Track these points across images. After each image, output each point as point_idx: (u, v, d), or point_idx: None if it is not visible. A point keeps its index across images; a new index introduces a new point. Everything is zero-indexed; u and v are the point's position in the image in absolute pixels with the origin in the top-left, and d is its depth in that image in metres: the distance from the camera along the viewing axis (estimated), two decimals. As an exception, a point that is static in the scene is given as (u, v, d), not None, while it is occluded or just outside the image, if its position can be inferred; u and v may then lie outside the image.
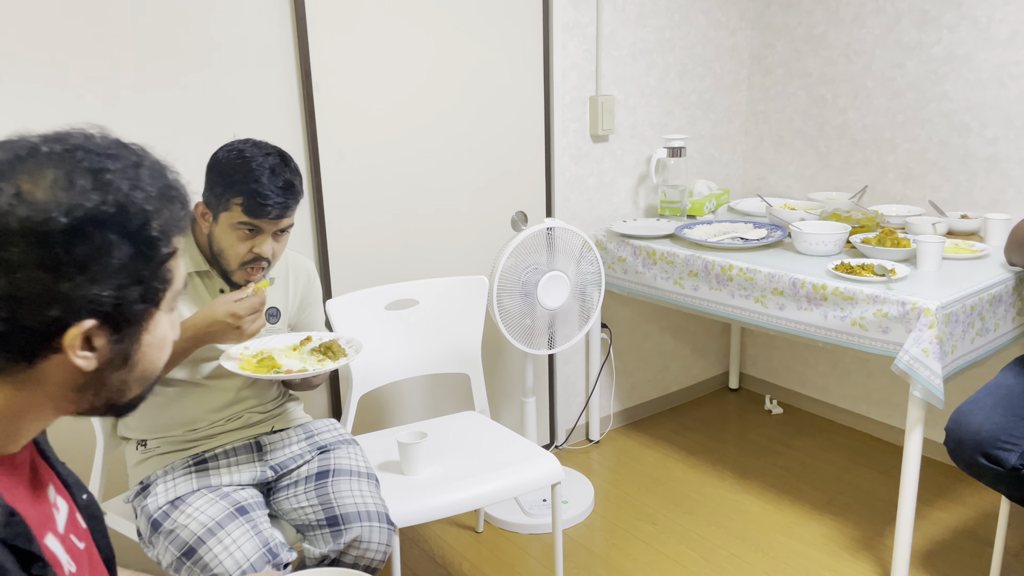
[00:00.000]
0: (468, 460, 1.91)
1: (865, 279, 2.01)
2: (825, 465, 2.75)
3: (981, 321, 1.98)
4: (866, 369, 2.93)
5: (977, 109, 2.46)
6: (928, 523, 2.39)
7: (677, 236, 2.53)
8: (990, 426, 1.80)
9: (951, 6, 2.47)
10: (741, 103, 3.13)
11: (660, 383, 3.18)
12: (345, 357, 1.59)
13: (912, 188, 2.67)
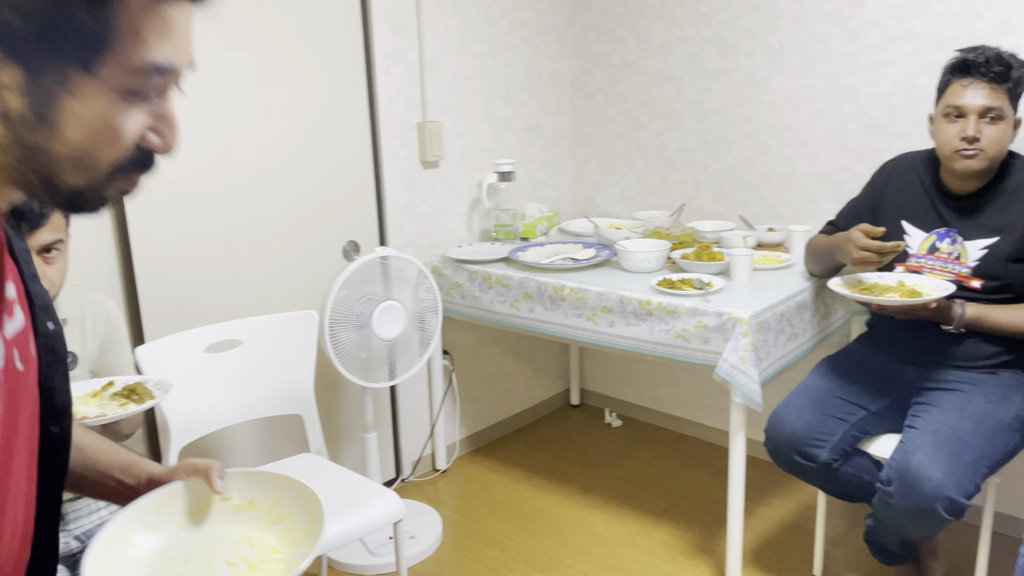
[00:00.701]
0: (304, 505, 1.82)
1: (685, 293, 2.11)
2: (663, 473, 2.85)
3: (790, 327, 2.13)
4: (695, 377, 3.08)
5: (776, 129, 2.66)
6: (757, 520, 2.53)
7: (511, 259, 2.55)
8: (802, 426, 1.92)
9: (747, 35, 2.66)
10: (566, 127, 3.22)
11: (504, 405, 3.20)
12: (152, 399, 1.46)
13: (724, 204, 2.85)
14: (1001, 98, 1.82)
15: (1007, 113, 1.84)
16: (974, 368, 1.91)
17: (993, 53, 1.82)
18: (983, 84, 1.82)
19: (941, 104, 1.90)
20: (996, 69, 1.81)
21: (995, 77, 1.81)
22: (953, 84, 1.86)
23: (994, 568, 2.17)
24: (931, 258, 1.97)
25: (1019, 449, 1.83)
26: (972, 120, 1.82)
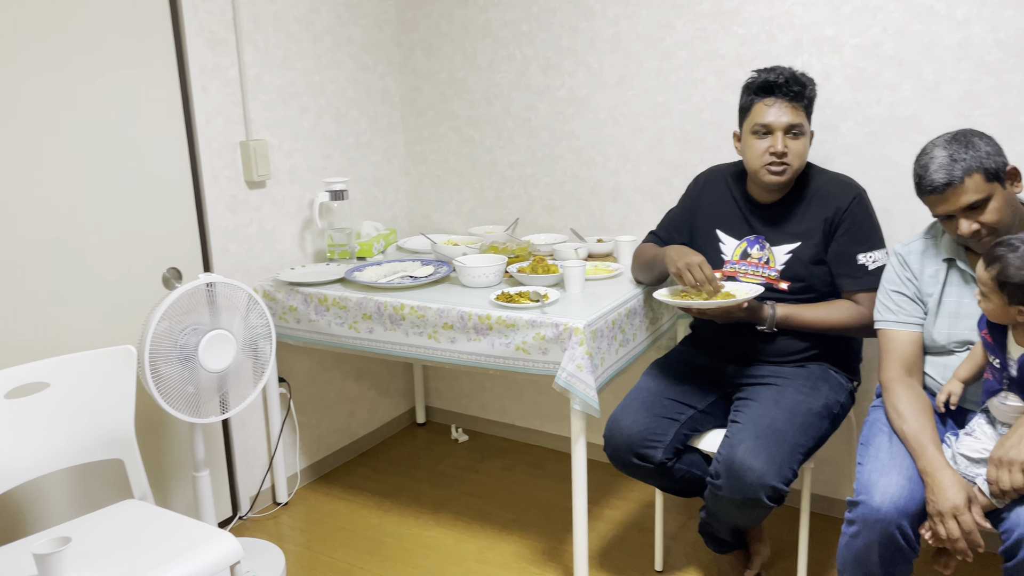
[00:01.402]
0: (127, 559, 1.68)
1: (523, 306, 2.14)
2: (511, 484, 2.88)
3: (622, 333, 2.21)
4: (538, 388, 3.14)
5: (600, 145, 2.77)
6: (601, 522, 2.61)
7: (348, 280, 2.49)
8: (638, 428, 2.00)
9: (569, 54, 2.76)
10: (398, 144, 3.20)
11: (348, 430, 3.12)
12: None
13: (556, 217, 2.93)
14: (801, 115, 2.00)
15: (806, 128, 2.02)
16: (786, 363, 2.07)
17: (789, 73, 1.99)
18: (785, 103, 1.99)
19: (748, 122, 2.05)
20: (795, 89, 1.98)
21: (794, 96, 1.99)
22: (758, 103, 2.02)
23: (814, 545, 2.35)
24: (744, 263, 2.11)
25: (828, 435, 1.99)
26: (779, 136, 1.98)
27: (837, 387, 2.03)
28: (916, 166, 1.72)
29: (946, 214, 1.69)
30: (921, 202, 1.75)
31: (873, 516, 1.61)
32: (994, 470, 1.56)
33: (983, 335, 1.65)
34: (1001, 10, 2.07)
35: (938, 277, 1.80)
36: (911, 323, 1.82)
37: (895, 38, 2.22)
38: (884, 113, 2.27)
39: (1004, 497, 1.56)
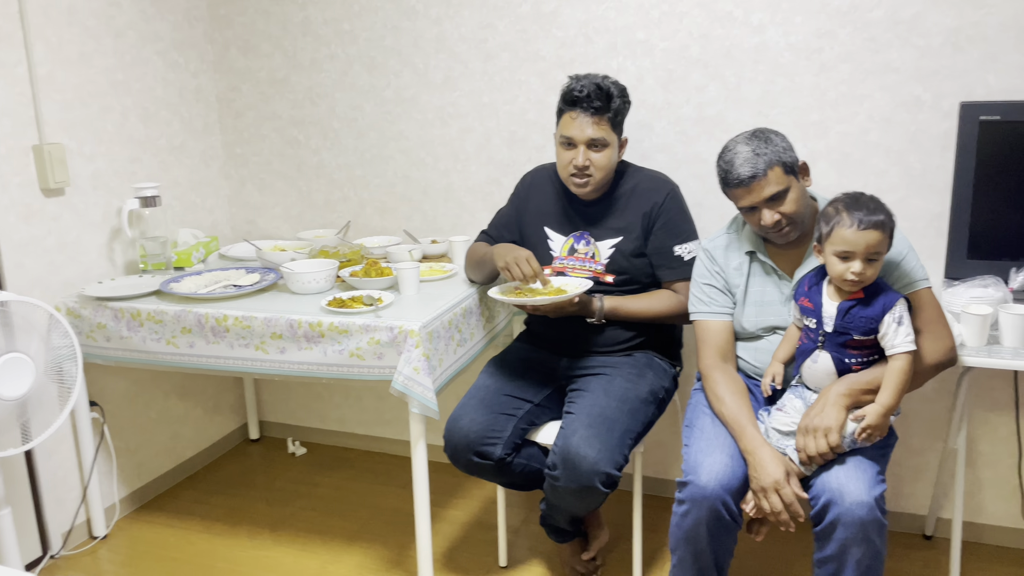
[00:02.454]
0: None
1: (356, 311, 2.09)
2: (353, 495, 2.81)
3: (459, 333, 2.21)
4: (376, 394, 3.08)
5: (429, 145, 2.76)
6: (444, 524, 2.60)
7: (164, 292, 2.33)
8: (477, 427, 2.01)
9: (393, 54, 2.73)
10: (216, 147, 3.04)
11: (173, 452, 2.92)
12: None
13: (388, 220, 2.89)
14: (604, 128, 2.06)
15: (611, 140, 2.08)
16: (614, 352, 2.15)
17: (593, 87, 2.03)
18: (588, 116, 2.04)
19: (558, 131, 2.11)
20: (596, 104, 2.04)
21: (596, 110, 2.04)
22: (565, 115, 2.08)
23: (648, 526, 2.46)
24: (571, 259, 2.17)
25: (656, 419, 2.09)
26: (581, 150, 2.05)
27: (661, 373, 2.14)
28: (721, 162, 1.83)
29: (750, 206, 1.81)
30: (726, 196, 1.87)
31: (700, 494, 1.70)
32: (802, 438, 1.69)
33: (801, 302, 1.78)
34: (791, 16, 2.26)
35: (742, 269, 1.93)
36: (722, 313, 1.94)
37: (700, 42, 2.36)
38: (693, 113, 2.41)
39: (811, 464, 1.70)
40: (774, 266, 1.89)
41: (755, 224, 1.85)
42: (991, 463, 2.35)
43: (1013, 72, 2.08)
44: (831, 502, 1.62)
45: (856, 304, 1.69)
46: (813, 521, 1.69)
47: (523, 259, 2.00)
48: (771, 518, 1.70)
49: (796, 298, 1.82)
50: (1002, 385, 2.28)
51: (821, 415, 1.67)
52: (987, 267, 2.02)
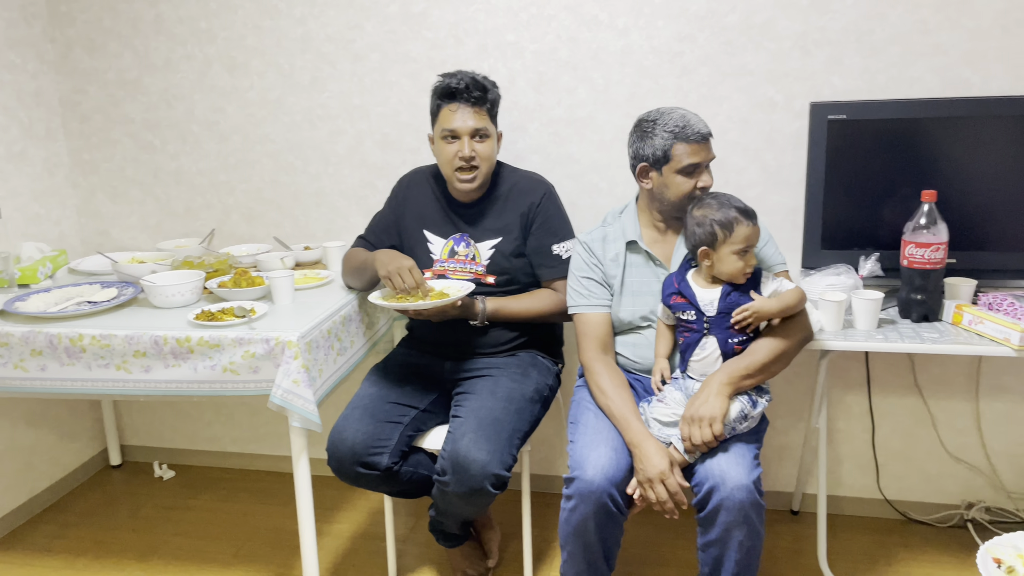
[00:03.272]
0: None
1: (227, 323, 1.99)
2: (228, 517, 2.68)
3: (339, 342, 2.15)
4: (250, 409, 2.95)
5: (298, 149, 2.67)
6: (330, 539, 2.52)
7: (8, 312, 2.13)
8: (362, 436, 1.96)
9: (256, 54, 2.62)
10: (61, 153, 2.81)
11: (24, 485, 2.68)
12: None
13: (256, 227, 2.77)
14: (485, 118, 2.08)
15: (492, 131, 2.10)
16: (498, 353, 2.16)
17: (469, 79, 2.06)
18: (468, 108, 2.05)
19: (437, 128, 2.10)
20: (476, 95, 2.05)
21: (476, 101, 2.06)
22: (444, 109, 2.07)
23: (535, 523, 2.48)
24: (452, 261, 2.16)
25: (541, 417, 2.10)
26: (466, 141, 2.05)
27: (545, 371, 2.16)
28: (667, 121, 1.85)
29: (697, 163, 1.86)
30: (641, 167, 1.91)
31: (587, 489, 1.73)
32: (687, 427, 1.75)
33: (674, 301, 1.85)
34: (653, 20, 2.34)
35: (619, 260, 1.98)
36: (600, 305, 1.98)
37: (568, 45, 2.40)
38: (564, 114, 2.46)
39: (695, 452, 1.76)
40: (652, 254, 1.96)
41: (687, 189, 1.87)
42: (848, 439, 2.53)
43: (855, 74, 2.24)
44: (714, 488, 1.69)
45: (736, 287, 1.80)
46: (697, 508, 1.75)
47: (405, 269, 1.97)
48: (656, 507, 1.75)
49: (666, 300, 1.88)
50: (856, 366, 2.45)
51: (706, 405, 1.74)
52: (840, 256, 2.16)
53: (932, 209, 1.97)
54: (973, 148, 2.07)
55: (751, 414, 1.79)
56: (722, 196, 1.82)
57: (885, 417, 2.48)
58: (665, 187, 1.90)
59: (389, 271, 1.98)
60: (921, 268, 2.00)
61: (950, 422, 2.45)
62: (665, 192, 1.91)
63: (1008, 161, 2.06)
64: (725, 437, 1.75)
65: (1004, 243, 2.10)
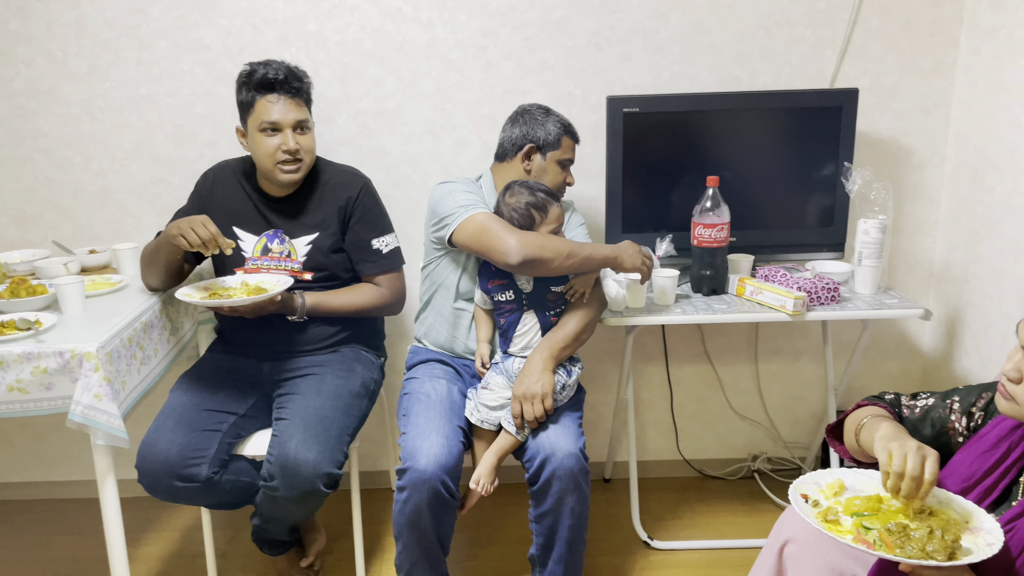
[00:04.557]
0: None
1: (10, 337, 1.78)
2: (13, 554, 2.40)
3: (141, 350, 2.00)
4: (32, 431, 2.66)
5: (77, 144, 2.43)
6: (144, 563, 2.35)
7: None
8: (176, 448, 1.84)
9: (22, 39, 2.35)
10: None
11: None
12: None
13: (31, 231, 2.50)
14: (305, 110, 2.02)
15: (311, 123, 2.05)
16: (320, 350, 2.11)
17: (287, 69, 1.98)
18: (288, 99, 1.98)
19: (253, 119, 1.99)
20: (295, 85, 1.99)
21: (296, 92, 1.99)
22: (260, 100, 1.97)
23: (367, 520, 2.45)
24: (266, 259, 2.08)
25: (368, 412, 2.09)
26: (289, 134, 1.97)
27: (369, 365, 2.14)
28: (559, 116, 2.06)
29: (570, 159, 2.06)
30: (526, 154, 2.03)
31: (420, 478, 1.75)
32: (518, 405, 1.82)
33: (492, 284, 1.91)
34: (456, 15, 2.38)
35: None
36: None
37: (373, 36, 2.39)
38: (373, 106, 2.44)
39: (526, 429, 1.84)
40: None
41: (559, 181, 2.05)
42: (650, 407, 2.74)
43: (644, 70, 2.42)
44: (547, 459, 1.77)
45: None
46: (529, 482, 1.83)
47: (198, 223, 1.85)
48: (531, 424, 1.83)
49: (484, 285, 1.95)
50: (654, 340, 2.66)
51: (536, 383, 1.82)
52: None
53: (716, 193, 2.18)
54: (746, 137, 2.31)
55: (568, 383, 1.90)
56: (528, 183, 1.94)
57: (681, 384, 2.72)
58: (544, 172, 2.03)
59: (180, 228, 1.85)
60: (708, 247, 2.21)
61: (735, 384, 2.73)
62: (542, 177, 2.04)
63: (775, 148, 2.32)
64: (553, 410, 1.84)
65: (775, 221, 2.37)
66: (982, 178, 2.32)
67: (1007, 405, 1.17)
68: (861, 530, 1.15)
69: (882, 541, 1.11)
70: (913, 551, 1.08)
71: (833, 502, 1.24)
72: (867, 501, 1.22)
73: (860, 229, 2.23)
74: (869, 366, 2.70)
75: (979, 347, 2.36)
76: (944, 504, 1.19)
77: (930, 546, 1.07)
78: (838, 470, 1.32)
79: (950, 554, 1.07)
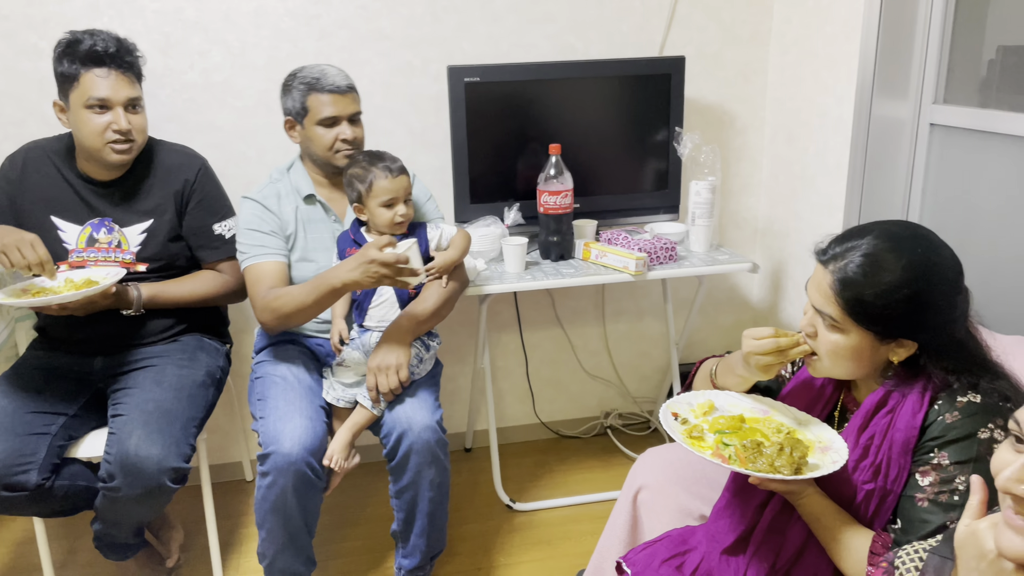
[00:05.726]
0: None
1: None
2: None
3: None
4: None
5: None
6: (-32, 585, 2.14)
7: None
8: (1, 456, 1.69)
9: None
10: None
11: None
12: None
13: None
14: (138, 87, 1.86)
15: (143, 101, 1.89)
16: (159, 341, 1.98)
17: (115, 40, 1.81)
18: (120, 74, 1.81)
19: (78, 95, 1.80)
20: (127, 60, 1.83)
21: (128, 67, 1.83)
22: (87, 74, 1.78)
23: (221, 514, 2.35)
24: (92, 250, 1.92)
25: (216, 401, 2.00)
26: (120, 112, 1.81)
27: (214, 353, 2.04)
28: (303, 75, 1.90)
29: (336, 115, 1.89)
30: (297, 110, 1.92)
31: (285, 461, 1.70)
32: (373, 378, 1.80)
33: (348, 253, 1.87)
34: (285, -17, 2.28)
35: (297, 217, 1.95)
36: (275, 254, 1.92)
37: (195, 4, 2.24)
38: (199, 79, 2.30)
39: (382, 402, 1.82)
40: (328, 206, 1.96)
41: (328, 142, 1.90)
42: (507, 375, 2.79)
43: (483, 40, 2.42)
44: (404, 433, 1.77)
45: (402, 238, 1.87)
46: (387, 458, 1.82)
47: (26, 243, 1.70)
48: (387, 397, 1.80)
49: (342, 255, 1.91)
50: (507, 307, 2.70)
51: (390, 354, 1.80)
52: (488, 209, 2.35)
53: (559, 161, 2.23)
54: (584, 105, 2.37)
55: (425, 356, 1.90)
56: (374, 153, 1.89)
57: (535, 350, 2.78)
58: (309, 140, 1.94)
59: (4, 245, 1.69)
60: (554, 213, 2.26)
61: (585, 346, 2.82)
62: (311, 146, 1.95)
63: (611, 116, 2.40)
64: (409, 382, 1.83)
65: (616, 187, 2.46)
66: (797, 139, 2.50)
67: (809, 363, 1.26)
68: (720, 446, 1.23)
69: (736, 456, 1.19)
70: (763, 466, 1.16)
71: (701, 421, 1.31)
72: (730, 421, 1.30)
73: (692, 191, 2.35)
74: (706, 320, 2.87)
75: (800, 296, 2.57)
76: (802, 424, 1.29)
77: (778, 461, 1.16)
78: (711, 391, 1.40)
79: (796, 469, 1.16)
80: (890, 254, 1.14)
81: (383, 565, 2.20)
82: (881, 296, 1.12)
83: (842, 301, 1.15)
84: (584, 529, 2.34)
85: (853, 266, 1.14)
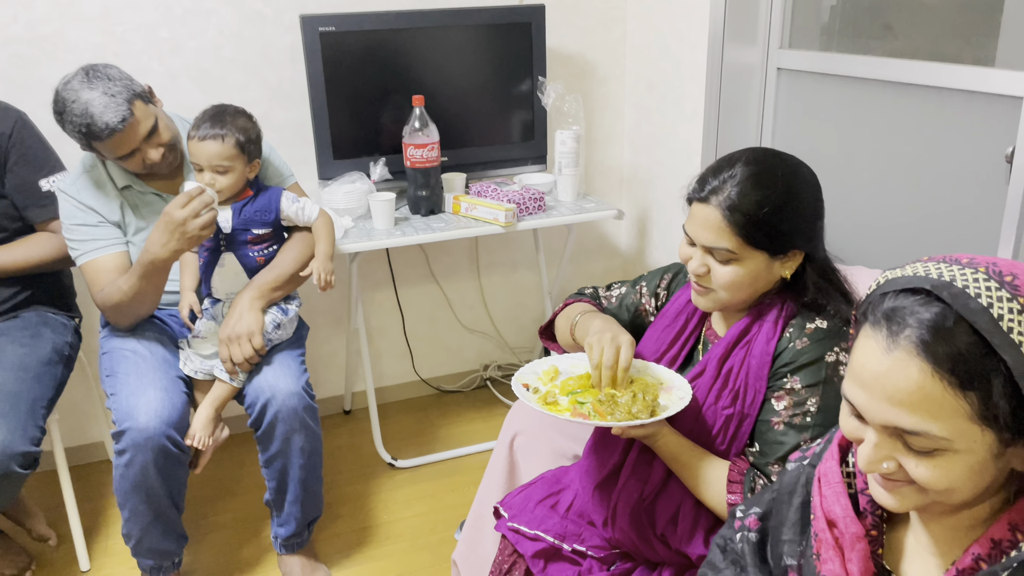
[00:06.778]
0: None
1: None
2: None
3: None
4: None
5: None
6: None
7: None
8: None
9: None
10: None
11: None
12: None
13: None
14: None
15: None
16: (-5, 318, 1.83)
17: None
18: None
19: None
20: None
21: None
22: None
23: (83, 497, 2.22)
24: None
25: (66, 379, 1.87)
26: None
27: (60, 328, 1.91)
28: (72, 117, 1.63)
29: (131, 151, 1.69)
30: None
31: (143, 437, 1.62)
32: (226, 348, 1.72)
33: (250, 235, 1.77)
34: (116, -75, 2.10)
35: (120, 206, 1.82)
36: (113, 245, 1.80)
37: (12, -52, 2.04)
38: (24, 32, 2.10)
39: (239, 372, 1.75)
40: (158, 193, 1.83)
41: (137, 166, 1.75)
42: (384, 334, 2.75)
43: (337, -12, 2.33)
44: (268, 401, 1.71)
45: (247, 203, 1.78)
46: (253, 427, 1.76)
47: None
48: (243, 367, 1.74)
49: None
50: (380, 266, 2.65)
51: (241, 322, 1.72)
52: (352, 165, 2.28)
53: (423, 113, 2.18)
54: (446, 55, 2.33)
55: (283, 321, 1.83)
56: (214, 108, 1.75)
57: (411, 307, 2.75)
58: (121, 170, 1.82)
59: None
60: (421, 167, 2.23)
61: (462, 300, 2.82)
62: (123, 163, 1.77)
63: (474, 66, 2.37)
64: (265, 350, 1.77)
65: (483, 139, 2.44)
66: (656, 87, 2.56)
67: (704, 300, 1.30)
68: (577, 406, 1.25)
69: (595, 411, 1.22)
70: (622, 415, 1.20)
71: (551, 387, 1.33)
72: (579, 380, 1.32)
73: (558, 140, 2.37)
74: (577, 268, 2.93)
75: (665, 240, 2.65)
76: (641, 371, 1.33)
77: (635, 408, 1.20)
78: (552, 358, 1.42)
79: (651, 412, 1.21)
80: (763, 172, 1.19)
81: (261, 535, 2.15)
82: (769, 212, 1.17)
83: (735, 228, 1.18)
84: (467, 480, 2.36)
85: (735, 192, 1.18)
